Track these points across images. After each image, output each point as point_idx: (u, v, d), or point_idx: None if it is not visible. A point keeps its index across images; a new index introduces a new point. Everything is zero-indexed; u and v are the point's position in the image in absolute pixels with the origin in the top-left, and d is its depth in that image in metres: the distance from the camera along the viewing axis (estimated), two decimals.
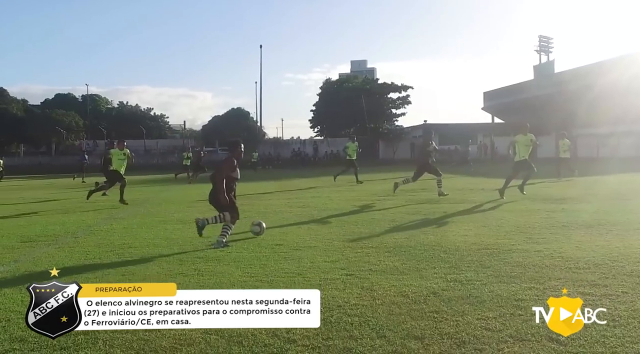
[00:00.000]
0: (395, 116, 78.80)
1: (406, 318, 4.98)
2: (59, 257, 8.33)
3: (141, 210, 15.39)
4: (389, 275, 6.67)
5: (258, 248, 8.70)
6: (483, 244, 8.53)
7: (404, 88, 76.08)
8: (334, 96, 73.50)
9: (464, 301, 5.46)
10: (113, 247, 9.13)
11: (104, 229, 11.38)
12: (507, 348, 4.23)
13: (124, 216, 13.83)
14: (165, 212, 14.48)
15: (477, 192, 18.38)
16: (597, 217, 11.13)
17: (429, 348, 4.27)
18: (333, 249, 8.47)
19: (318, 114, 78.28)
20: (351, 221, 11.77)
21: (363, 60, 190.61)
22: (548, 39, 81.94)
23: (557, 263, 7.02)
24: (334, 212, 13.45)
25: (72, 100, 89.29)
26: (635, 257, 7.15)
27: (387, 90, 76.65)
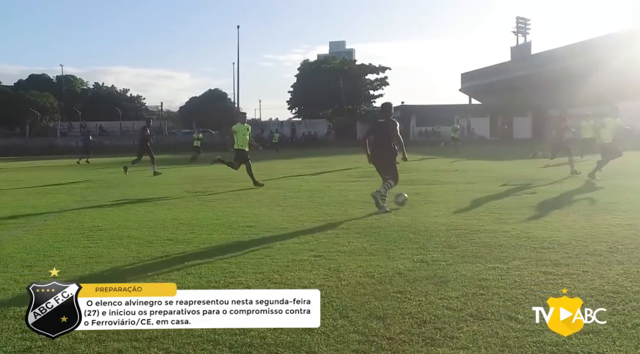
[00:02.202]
0: (373, 97, 78.86)
1: (370, 298, 5.03)
2: (27, 240, 8.26)
3: (115, 192, 15.29)
4: (357, 256, 6.71)
5: (229, 230, 8.70)
6: (452, 225, 8.61)
7: (382, 69, 76.13)
8: (312, 77, 73.31)
9: (429, 281, 5.52)
10: (83, 229, 9.08)
11: (75, 212, 11.29)
12: (467, 327, 4.29)
13: (96, 199, 13.74)
14: (139, 194, 14.41)
15: (451, 173, 18.51)
16: (565, 197, 11.30)
17: (390, 328, 4.32)
18: (304, 231, 8.50)
19: (296, 95, 78.06)
20: (324, 202, 11.81)
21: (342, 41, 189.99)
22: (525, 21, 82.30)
23: (523, 243, 7.11)
24: (307, 194, 13.47)
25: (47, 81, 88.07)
26: (599, 237, 7.27)
27: (365, 71, 76.64)
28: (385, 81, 77.25)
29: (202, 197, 13.47)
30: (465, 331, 4.22)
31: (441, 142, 39.62)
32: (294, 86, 78.90)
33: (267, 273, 5.97)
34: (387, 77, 77.16)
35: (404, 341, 4.06)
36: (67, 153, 44.92)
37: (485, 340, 4.03)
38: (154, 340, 4.18)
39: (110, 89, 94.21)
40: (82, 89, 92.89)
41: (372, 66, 76.45)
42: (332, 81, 69.84)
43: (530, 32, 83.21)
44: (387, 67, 76.68)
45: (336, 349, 3.96)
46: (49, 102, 73.72)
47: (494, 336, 4.09)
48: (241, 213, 10.54)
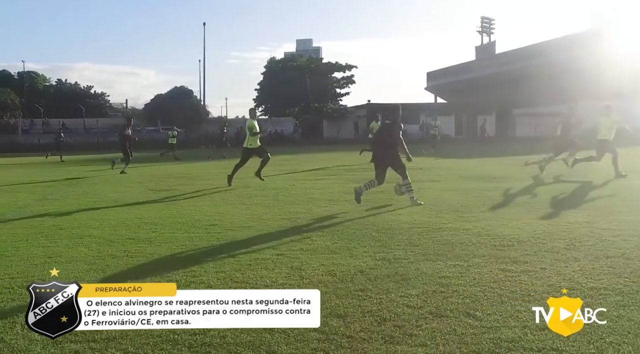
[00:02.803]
0: (340, 96, 78.96)
1: (331, 297, 5.05)
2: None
3: (77, 191, 15.08)
4: (319, 254, 6.73)
5: (192, 229, 8.65)
6: (415, 222, 8.68)
7: (348, 68, 76.29)
8: (279, 75, 73.13)
9: (390, 279, 5.57)
10: (42, 228, 8.94)
11: (35, 211, 11.10)
12: (426, 324, 4.34)
13: (58, 197, 13.53)
14: (101, 193, 14.23)
15: (415, 171, 18.61)
16: (526, 195, 11.48)
17: (350, 326, 4.34)
18: (267, 229, 8.49)
19: (262, 93, 77.77)
20: (288, 200, 11.80)
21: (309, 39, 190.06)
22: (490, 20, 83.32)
23: (483, 241, 7.20)
24: (272, 192, 13.44)
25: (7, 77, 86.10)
26: (558, 235, 7.40)
27: (332, 69, 76.73)
28: (352, 79, 77.46)
29: (166, 196, 13.36)
30: (424, 328, 4.27)
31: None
32: (260, 84, 78.59)
33: (229, 272, 5.95)
34: (353, 76, 77.36)
35: (363, 339, 4.09)
36: (29, 151, 44.11)
37: (444, 337, 4.08)
38: (112, 341, 4.14)
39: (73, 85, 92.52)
40: (45, 85, 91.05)
41: (339, 64, 76.56)
42: (299, 79, 69.76)
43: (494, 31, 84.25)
44: (354, 66, 76.89)
45: (295, 348, 3.97)
46: (9, 98, 72.18)
47: (452, 333, 4.14)
48: (205, 211, 10.49)
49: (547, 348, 3.84)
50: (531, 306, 4.64)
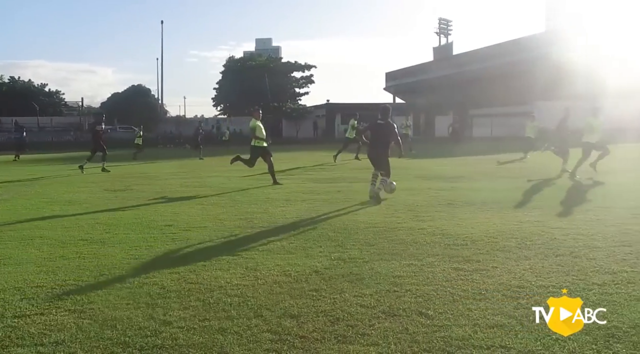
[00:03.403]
0: (299, 95, 78.88)
1: (285, 297, 5.05)
2: None
3: (29, 191, 14.77)
4: (275, 255, 6.72)
5: (147, 230, 8.55)
6: (371, 222, 8.74)
7: (308, 67, 76.23)
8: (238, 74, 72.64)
9: (344, 279, 5.59)
10: None
11: None
12: (379, 324, 4.37)
13: (8, 198, 13.24)
14: (55, 193, 13.96)
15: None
16: (481, 194, 11.64)
17: (303, 326, 4.35)
18: (223, 229, 8.45)
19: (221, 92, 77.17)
20: (246, 200, 11.76)
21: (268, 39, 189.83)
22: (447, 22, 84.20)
23: (438, 240, 7.29)
24: (230, 192, 13.39)
25: None
26: (510, 234, 7.53)
27: (291, 69, 76.57)
28: (311, 79, 77.42)
29: (122, 196, 13.19)
30: (376, 327, 4.30)
31: None
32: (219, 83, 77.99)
33: (183, 273, 5.91)
34: (312, 75, 77.31)
35: (316, 339, 4.10)
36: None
37: (396, 336, 4.12)
38: (60, 344, 4.06)
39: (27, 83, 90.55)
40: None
41: (298, 64, 76.46)
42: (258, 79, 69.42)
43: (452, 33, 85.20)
44: (313, 66, 76.83)
45: (248, 349, 3.96)
46: None
47: (404, 332, 4.18)
48: (161, 212, 10.39)
49: (496, 346, 3.90)
50: (482, 304, 4.73)
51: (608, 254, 6.28)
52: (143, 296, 5.15)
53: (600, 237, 7.14)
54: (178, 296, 5.14)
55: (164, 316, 4.58)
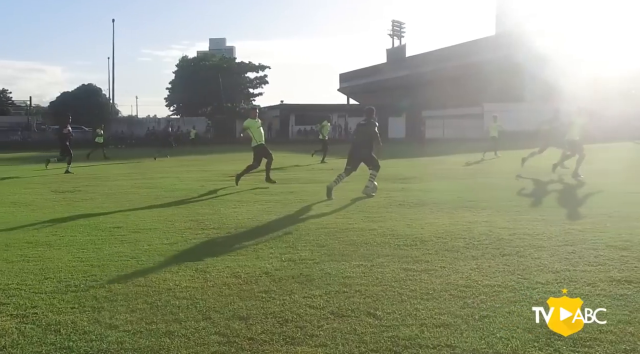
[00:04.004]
0: (253, 96, 78.73)
1: (235, 299, 5.03)
2: None
3: None
4: (226, 256, 6.69)
5: (95, 231, 8.42)
6: (323, 223, 8.76)
7: (262, 68, 76.17)
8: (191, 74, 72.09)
9: (294, 280, 5.60)
10: None
11: None
12: (327, 325, 4.39)
13: None
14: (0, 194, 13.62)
15: (326, 172, 18.81)
16: (432, 195, 11.79)
17: (252, 328, 4.34)
18: (174, 231, 8.37)
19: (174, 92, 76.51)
20: (197, 202, 11.68)
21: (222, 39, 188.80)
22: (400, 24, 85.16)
23: (388, 241, 7.35)
24: (181, 193, 13.27)
25: None
26: (458, 234, 7.65)
27: (245, 69, 76.40)
28: (265, 80, 77.42)
29: (70, 197, 12.94)
30: (325, 328, 4.31)
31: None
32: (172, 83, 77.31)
33: (131, 275, 5.83)
34: (267, 76, 77.36)
35: (264, 341, 4.10)
36: None
37: (344, 337, 4.14)
38: (1, 350, 3.97)
39: None
40: None
41: (252, 64, 76.32)
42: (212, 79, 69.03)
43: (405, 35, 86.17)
44: (267, 66, 76.86)
45: (195, 351, 3.92)
46: None
47: (352, 333, 4.21)
48: (110, 213, 10.23)
49: (442, 345, 3.96)
50: (429, 303, 4.80)
51: (552, 254, 6.43)
52: (89, 299, 5.06)
53: (545, 237, 7.31)
54: (125, 299, 5.06)
55: (110, 320, 4.51)
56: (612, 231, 7.60)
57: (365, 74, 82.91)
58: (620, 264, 5.90)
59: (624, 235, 7.28)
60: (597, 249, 6.60)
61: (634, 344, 3.86)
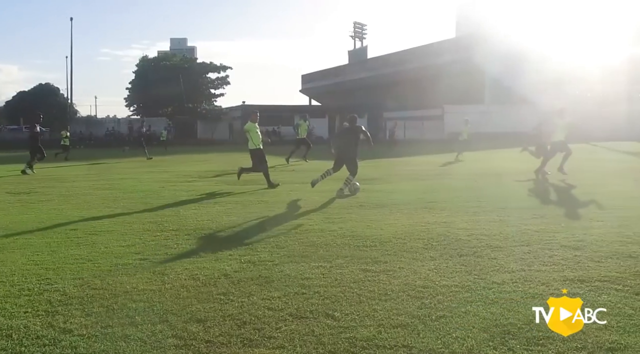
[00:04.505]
0: (214, 96, 78.19)
1: (192, 301, 4.99)
2: None
3: None
4: (184, 258, 6.64)
5: (50, 234, 8.27)
6: (282, 225, 8.75)
7: (223, 68, 75.65)
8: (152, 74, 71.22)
9: (253, 282, 5.58)
10: None
11: None
12: (285, 326, 4.38)
13: None
14: None
15: (287, 173, 18.81)
16: (392, 196, 11.87)
17: (209, 330, 4.31)
18: (132, 233, 8.26)
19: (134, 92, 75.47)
20: (157, 203, 11.55)
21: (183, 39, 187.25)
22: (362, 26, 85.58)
23: (347, 242, 7.38)
24: (140, 195, 13.11)
25: None
26: (417, 235, 7.72)
27: (206, 70, 75.78)
28: (227, 80, 76.85)
29: (26, 199, 12.68)
30: (283, 330, 4.31)
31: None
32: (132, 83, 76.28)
33: (88, 279, 5.74)
34: (228, 76, 76.79)
35: (222, 344, 4.08)
36: None
37: (302, 338, 4.14)
38: None
39: None
40: None
41: (214, 65, 75.74)
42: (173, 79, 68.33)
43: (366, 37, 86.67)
44: (229, 67, 76.31)
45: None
46: None
47: (310, 334, 4.22)
48: (67, 215, 10.06)
49: (399, 345, 3.99)
50: (387, 304, 4.83)
51: (508, 254, 6.53)
52: (43, 303, 4.97)
53: (502, 238, 7.42)
54: (80, 302, 4.99)
55: (64, 324, 4.44)
56: (567, 231, 7.76)
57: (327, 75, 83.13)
58: (574, 264, 6.03)
59: (578, 235, 7.44)
60: (552, 249, 6.74)
61: (584, 343, 3.94)
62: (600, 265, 5.97)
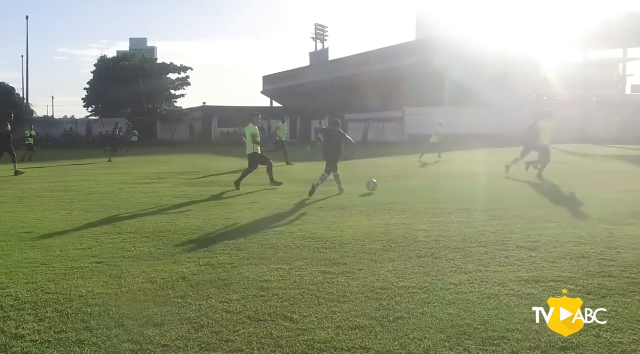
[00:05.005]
0: (174, 97, 77.47)
1: (149, 305, 4.93)
2: None
3: None
4: (142, 261, 6.55)
5: (3, 237, 8.08)
6: (242, 226, 8.72)
7: (183, 69, 74.98)
8: (110, 74, 70.20)
9: (212, 285, 5.54)
10: None
11: None
12: (243, 329, 4.36)
13: None
14: None
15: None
16: (353, 198, 11.91)
17: (166, 334, 4.26)
18: (88, 236, 8.13)
19: (93, 92, 74.32)
20: (114, 205, 11.38)
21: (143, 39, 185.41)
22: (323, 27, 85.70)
23: (307, 244, 7.38)
24: (98, 196, 12.90)
25: None
26: (376, 236, 7.76)
27: (166, 70, 75.00)
28: (187, 81, 76.18)
29: None
30: (241, 333, 4.29)
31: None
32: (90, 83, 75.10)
33: (41, 283, 5.63)
34: (188, 77, 76.14)
35: (178, 347, 4.04)
36: None
37: (260, 341, 4.13)
38: None
39: None
40: None
41: (174, 65, 75.00)
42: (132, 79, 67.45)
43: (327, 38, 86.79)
44: (189, 67, 75.66)
45: None
46: None
47: (268, 337, 4.21)
48: (21, 217, 9.86)
49: (357, 347, 4.00)
50: (345, 306, 4.84)
51: (465, 255, 6.61)
52: None
53: (459, 239, 7.51)
54: (33, 307, 4.89)
55: (15, 330, 4.35)
56: (522, 232, 7.90)
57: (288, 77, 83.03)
58: (529, 264, 6.14)
59: (533, 236, 7.58)
60: (508, 250, 6.85)
61: (537, 342, 4.02)
62: (554, 265, 6.09)
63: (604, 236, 7.55)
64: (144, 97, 67.30)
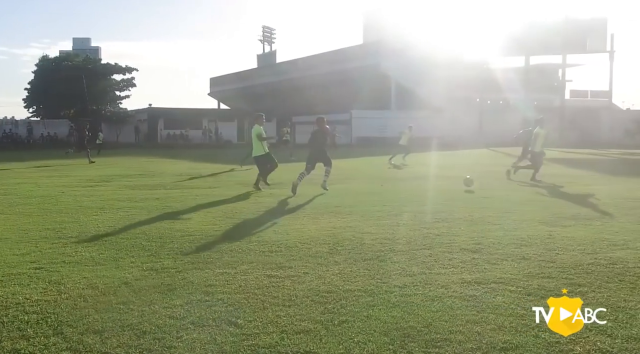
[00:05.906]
0: (119, 99, 76.05)
1: (90, 312, 4.81)
2: None
3: None
4: (83, 267, 6.40)
5: None
6: (188, 230, 8.60)
7: (129, 70, 73.67)
8: (53, 75, 68.42)
9: (155, 290, 5.45)
10: None
11: None
12: (187, 335, 4.30)
13: None
14: None
15: (194, 178, 18.52)
16: (301, 201, 11.90)
17: (107, 342, 4.16)
18: (27, 241, 7.90)
19: (34, 93, 72.31)
20: (55, 209, 11.09)
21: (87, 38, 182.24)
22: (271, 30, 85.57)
23: (254, 247, 7.33)
24: (38, 200, 12.55)
25: None
26: (323, 239, 7.76)
27: (111, 71, 73.54)
28: (133, 82, 74.90)
29: None
30: (184, 339, 4.22)
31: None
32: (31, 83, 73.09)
33: None
34: (134, 78, 74.84)
35: None
36: None
37: (203, 347, 4.08)
38: None
39: None
40: None
41: (119, 66, 73.61)
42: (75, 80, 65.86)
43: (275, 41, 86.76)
44: (134, 68, 74.36)
45: None
46: None
47: (212, 343, 4.15)
48: None
49: (301, 351, 3.99)
50: (291, 310, 4.83)
51: (410, 258, 6.68)
52: None
53: (405, 241, 7.59)
54: None
55: None
56: (466, 234, 8.03)
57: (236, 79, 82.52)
58: (472, 266, 6.24)
59: (476, 238, 7.72)
60: (452, 252, 6.95)
61: (479, 343, 4.08)
62: (496, 267, 6.21)
63: (544, 238, 7.74)
64: (87, 98, 65.87)
